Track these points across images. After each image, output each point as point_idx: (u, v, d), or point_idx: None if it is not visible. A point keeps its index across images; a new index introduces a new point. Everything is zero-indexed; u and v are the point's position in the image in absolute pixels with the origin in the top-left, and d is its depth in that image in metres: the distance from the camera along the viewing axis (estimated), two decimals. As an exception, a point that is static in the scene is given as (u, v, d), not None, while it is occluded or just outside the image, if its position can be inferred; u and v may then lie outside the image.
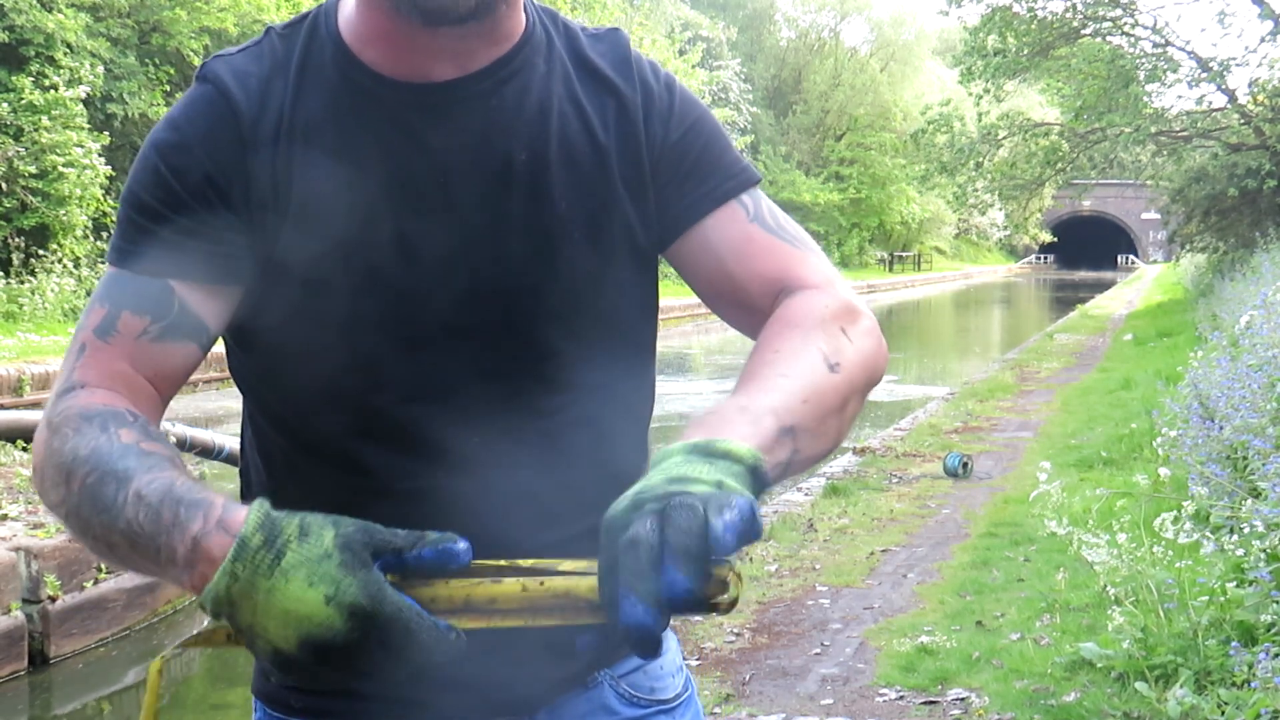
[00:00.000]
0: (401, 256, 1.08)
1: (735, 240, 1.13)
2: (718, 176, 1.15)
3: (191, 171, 1.06)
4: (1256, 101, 19.23)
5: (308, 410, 1.13)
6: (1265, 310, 6.39)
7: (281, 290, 1.08)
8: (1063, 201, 53.42)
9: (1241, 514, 4.13)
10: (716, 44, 46.91)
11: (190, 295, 1.06)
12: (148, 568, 0.92)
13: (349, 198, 1.07)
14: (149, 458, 0.94)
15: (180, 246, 1.06)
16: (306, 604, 0.80)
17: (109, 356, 1.05)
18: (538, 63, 1.13)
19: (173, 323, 1.06)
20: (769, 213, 1.16)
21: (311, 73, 1.10)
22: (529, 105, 1.11)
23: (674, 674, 1.29)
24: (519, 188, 1.10)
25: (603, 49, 1.17)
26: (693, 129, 1.16)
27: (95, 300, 1.08)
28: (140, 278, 1.06)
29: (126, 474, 0.92)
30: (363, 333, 1.09)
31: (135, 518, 0.90)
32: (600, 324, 1.14)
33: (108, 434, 0.97)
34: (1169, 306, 24.07)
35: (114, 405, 1.01)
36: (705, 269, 1.14)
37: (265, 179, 1.07)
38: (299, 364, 1.11)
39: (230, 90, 1.08)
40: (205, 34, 17.82)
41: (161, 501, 0.89)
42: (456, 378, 1.10)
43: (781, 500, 7.53)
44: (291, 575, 0.81)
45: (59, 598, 5.27)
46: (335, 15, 1.12)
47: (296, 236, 1.07)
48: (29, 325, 14.25)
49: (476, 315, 1.10)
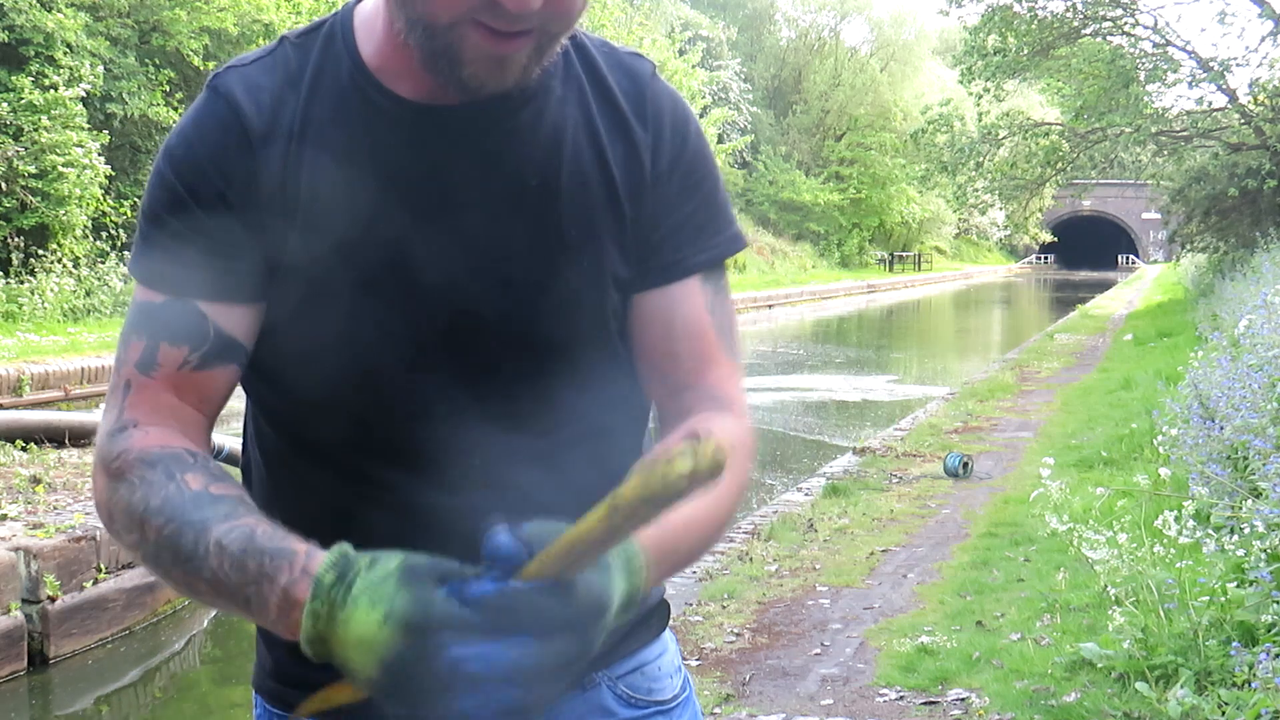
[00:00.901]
0: (404, 273, 1.08)
1: (689, 322, 1.14)
2: (699, 242, 1.15)
3: (205, 190, 1.06)
4: (1257, 101, 19.22)
5: (307, 416, 1.13)
6: (1265, 310, 6.39)
7: (285, 299, 1.08)
8: (1063, 201, 53.46)
9: (1242, 514, 4.13)
10: (716, 44, 46.93)
11: (221, 316, 1.07)
12: (238, 612, 0.93)
13: (355, 208, 1.07)
14: (222, 504, 0.95)
15: (204, 266, 1.06)
16: (369, 626, 0.81)
17: (154, 391, 1.06)
18: (554, 86, 1.12)
19: (210, 349, 1.07)
20: (722, 311, 1.17)
21: (326, 86, 1.09)
22: (543, 131, 1.11)
23: (672, 675, 1.29)
24: (527, 212, 1.10)
25: (621, 78, 1.16)
26: (697, 184, 1.16)
27: (131, 331, 1.08)
28: (171, 303, 1.06)
29: (204, 524, 0.93)
30: (362, 347, 1.09)
31: (220, 568, 0.91)
32: (597, 348, 1.14)
33: (175, 482, 0.97)
34: (1169, 307, 24.07)
35: (171, 446, 1.02)
36: (649, 328, 1.15)
37: (274, 186, 1.07)
38: (299, 374, 1.11)
39: (241, 105, 1.08)
40: (205, 34, 17.81)
41: (245, 552, 0.90)
42: (454, 396, 1.10)
43: (781, 500, 7.54)
44: (359, 601, 0.82)
45: (59, 598, 5.27)
46: (352, 28, 1.11)
47: (301, 246, 1.07)
48: (29, 325, 14.25)
49: (476, 335, 1.10)
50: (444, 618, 0.80)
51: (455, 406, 1.10)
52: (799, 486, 8.01)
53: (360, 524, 1.06)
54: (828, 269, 47.40)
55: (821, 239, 49.85)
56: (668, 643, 1.30)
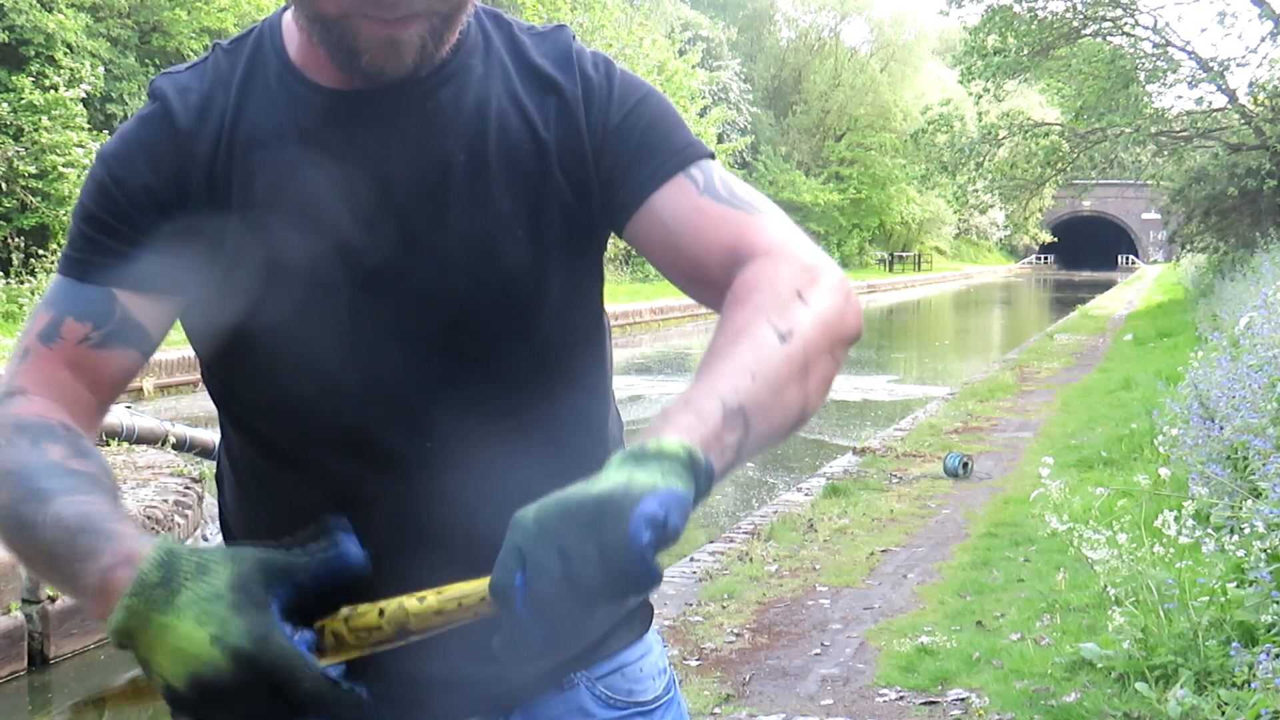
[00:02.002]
0: (345, 263, 1.09)
1: (686, 214, 1.09)
2: (663, 154, 1.12)
3: (132, 181, 1.09)
4: (1257, 101, 19.23)
5: (266, 418, 1.15)
6: (1265, 310, 6.39)
7: (229, 301, 1.09)
8: (1063, 201, 53.51)
9: (1242, 514, 4.13)
10: (716, 44, 46.93)
11: (132, 303, 1.09)
12: (65, 589, 0.95)
13: (291, 206, 1.08)
14: (73, 477, 0.96)
15: (122, 255, 1.09)
16: (194, 642, 0.81)
17: (51, 363, 1.08)
18: (474, 64, 1.13)
19: (114, 329, 1.09)
20: (721, 183, 1.11)
21: (255, 86, 1.12)
22: (466, 106, 1.12)
23: (655, 676, 1.28)
24: (459, 189, 1.10)
25: (545, 48, 1.17)
26: (634, 111, 1.14)
27: (41, 306, 1.11)
28: (85, 285, 1.09)
29: (48, 494, 0.94)
30: (310, 341, 1.09)
31: (53, 540, 0.92)
32: (548, 323, 1.13)
33: (38, 448, 0.99)
34: (1169, 306, 24.07)
35: (48, 418, 1.03)
36: (660, 247, 1.11)
37: (204, 190, 1.09)
38: (253, 373, 1.13)
39: (171, 104, 1.11)
40: (205, 34, 17.83)
41: (79, 529, 0.91)
42: (407, 383, 1.11)
43: (781, 500, 7.54)
44: (184, 613, 0.82)
45: (58, 598, 5.27)
46: (280, 30, 1.14)
47: (240, 246, 1.08)
48: (29, 325, 14.25)
49: (423, 319, 1.10)
50: (279, 655, 0.81)
51: (406, 391, 1.10)
52: (799, 486, 8.01)
53: None
54: (828, 269, 47.34)
55: (821, 239, 49.82)
56: (651, 644, 1.29)
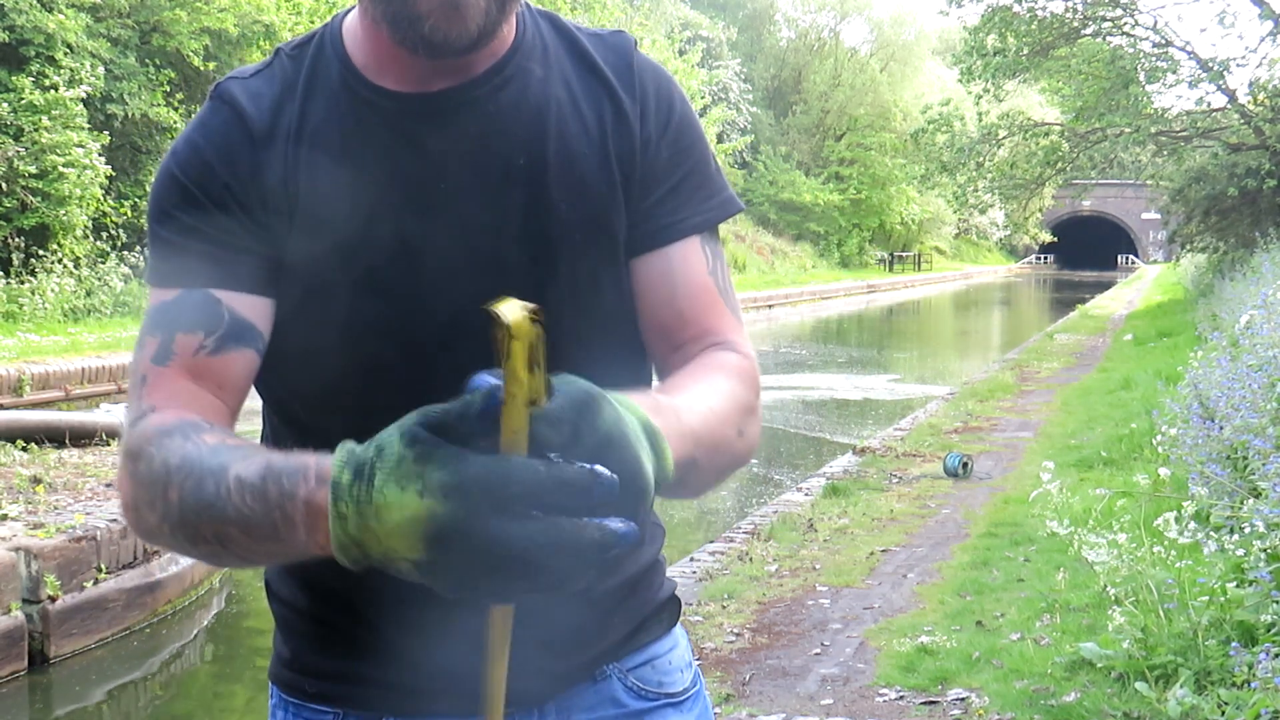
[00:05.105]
0: (403, 261, 1.10)
1: (694, 285, 1.16)
2: (693, 204, 1.17)
3: (212, 181, 1.09)
4: (1256, 101, 19.23)
5: (314, 410, 1.15)
6: (1265, 310, 6.40)
7: (289, 293, 1.10)
8: (1063, 201, 53.47)
9: (1242, 514, 4.13)
10: (716, 44, 46.92)
11: (236, 302, 1.08)
12: (273, 549, 0.91)
13: (352, 203, 1.09)
14: (238, 449, 0.94)
15: (214, 257, 1.07)
16: (407, 507, 0.79)
17: (170, 378, 1.06)
18: (533, 68, 1.15)
19: (226, 333, 1.07)
20: (722, 272, 1.19)
21: (319, 89, 1.13)
22: (526, 109, 1.13)
23: (683, 669, 1.30)
24: (518, 192, 1.12)
25: (605, 52, 1.19)
26: (684, 151, 1.18)
27: (145, 333, 1.08)
28: (185, 295, 1.07)
29: (222, 467, 0.92)
30: (364, 336, 1.10)
31: (243, 503, 0.89)
32: (600, 325, 1.16)
33: (191, 440, 0.97)
34: (1169, 306, 24.07)
35: (187, 417, 1.02)
36: (654, 292, 1.16)
37: (276, 185, 1.09)
38: (304, 365, 1.12)
39: (243, 106, 1.12)
40: (205, 34, 17.81)
41: (264, 479, 0.89)
42: (459, 381, 1.11)
43: (781, 500, 7.54)
44: (384, 491, 0.80)
45: (59, 598, 5.27)
46: (341, 35, 1.16)
47: (302, 241, 1.09)
48: (29, 325, 14.26)
49: (478, 319, 1.10)
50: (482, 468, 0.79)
51: (457, 390, 1.10)
52: (799, 486, 8.01)
53: None
54: (828, 269, 47.40)
55: (821, 239, 49.84)
56: (679, 638, 1.31)
